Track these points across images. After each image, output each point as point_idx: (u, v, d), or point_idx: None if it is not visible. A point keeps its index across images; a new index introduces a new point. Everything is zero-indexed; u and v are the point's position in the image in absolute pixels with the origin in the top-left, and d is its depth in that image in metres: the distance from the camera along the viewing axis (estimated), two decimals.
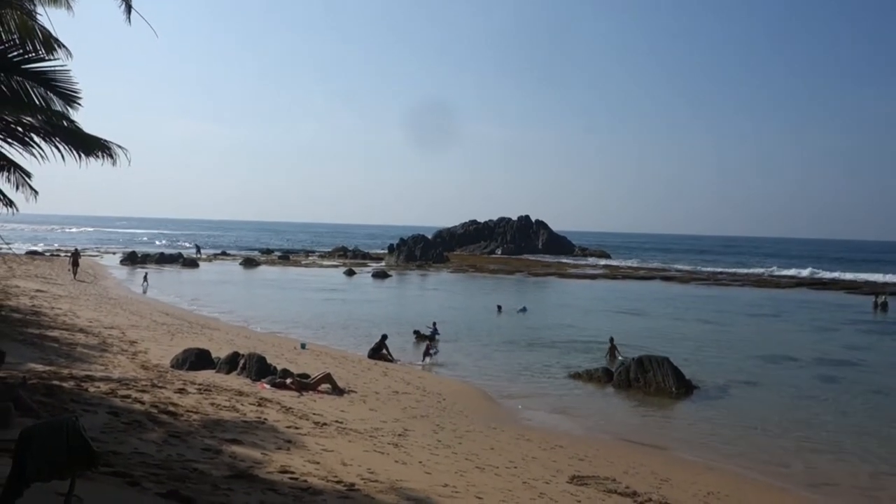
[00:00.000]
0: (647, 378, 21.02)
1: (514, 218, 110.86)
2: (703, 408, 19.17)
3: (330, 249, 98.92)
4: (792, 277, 72.14)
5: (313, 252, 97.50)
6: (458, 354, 25.39)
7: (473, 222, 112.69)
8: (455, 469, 11.15)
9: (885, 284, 63.03)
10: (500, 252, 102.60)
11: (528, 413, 17.89)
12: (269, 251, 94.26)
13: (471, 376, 21.98)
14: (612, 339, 26.15)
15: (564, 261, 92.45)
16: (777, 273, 78.40)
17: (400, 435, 13.33)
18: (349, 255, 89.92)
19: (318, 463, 9.76)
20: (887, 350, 29.38)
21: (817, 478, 13.85)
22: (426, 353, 24.36)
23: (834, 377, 23.31)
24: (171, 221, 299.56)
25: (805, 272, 78.43)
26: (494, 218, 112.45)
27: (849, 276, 73.25)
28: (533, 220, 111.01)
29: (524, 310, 38.12)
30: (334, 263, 77.37)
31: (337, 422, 13.65)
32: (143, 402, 11.96)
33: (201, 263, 69.34)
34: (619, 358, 24.77)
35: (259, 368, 17.86)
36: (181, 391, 14.08)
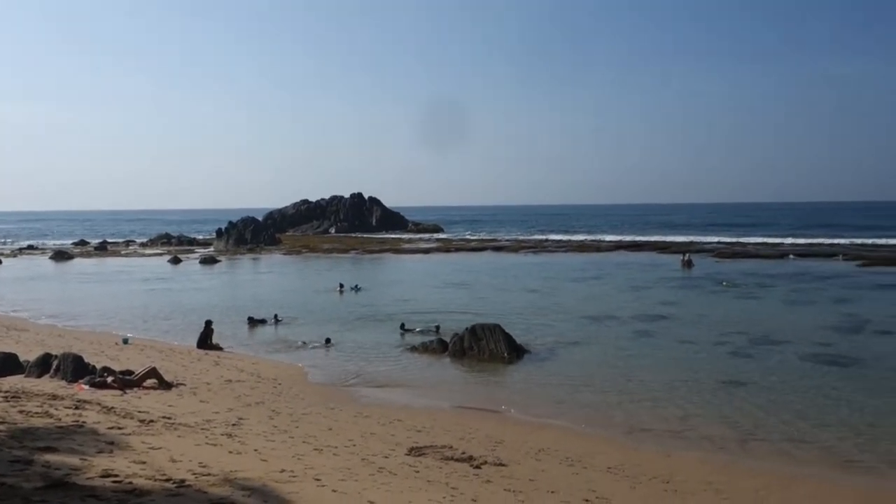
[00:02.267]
0: (481, 346, 21.68)
1: (347, 196, 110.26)
2: (533, 370, 20.04)
3: (153, 237, 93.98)
4: (611, 241, 76.59)
5: (134, 241, 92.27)
6: (295, 336, 25.03)
7: (305, 202, 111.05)
8: (293, 453, 11.01)
9: (691, 243, 68.45)
10: (333, 231, 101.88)
11: (366, 390, 17.98)
12: (84, 243, 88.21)
13: (308, 357, 21.75)
14: (402, 325, 26.24)
15: (398, 237, 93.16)
16: (598, 238, 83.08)
17: (234, 425, 12.98)
18: (174, 242, 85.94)
19: (144, 463, 9.31)
20: (692, 303, 31.96)
21: (636, 425, 14.91)
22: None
23: (649, 332, 25.08)
24: None
25: (628, 238, 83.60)
26: (326, 197, 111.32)
27: (658, 238, 78.93)
28: (366, 197, 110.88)
29: (357, 288, 38.09)
30: (158, 252, 73.71)
31: (165, 417, 13.07)
32: None
33: (3, 260, 63.62)
34: (418, 329, 25.54)
35: (75, 368, 16.73)
36: None
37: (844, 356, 20.61)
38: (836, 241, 71.26)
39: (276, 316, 28.32)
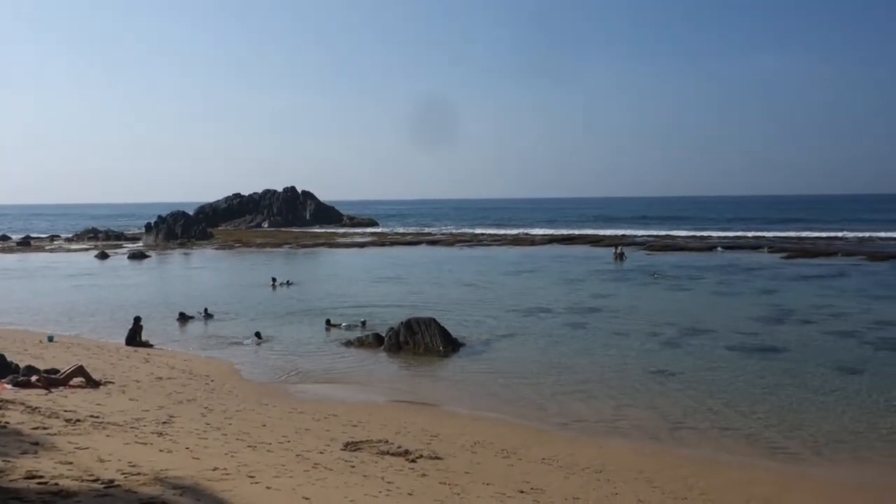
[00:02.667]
0: (416, 340, 21.70)
1: (280, 190, 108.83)
2: (469, 363, 20.17)
3: (79, 232, 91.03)
4: (545, 235, 77.49)
5: (59, 236, 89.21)
6: (227, 332, 24.63)
7: (237, 196, 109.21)
8: (226, 451, 10.84)
9: (623, 236, 69.80)
10: (266, 225, 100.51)
11: (300, 386, 17.82)
12: (5, 238, 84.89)
13: (241, 353, 21.43)
14: (327, 321, 25.97)
15: (333, 231, 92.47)
16: (532, 232, 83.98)
17: (164, 422, 12.69)
18: (101, 236, 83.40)
19: (71, 463, 9.04)
20: (624, 295, 32.62)
21: (569, 416, 15.16)
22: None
23: (582, 324, 25.49)
24: None
25: (561, 231, 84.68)
26: (259, 190, 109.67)
27: (591, 231, 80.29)
28: (300, 191, 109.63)
29: (288, 283, 37.64)
30: (84, 247, 71.46)
31: (92, 416, 12.70)
32: None
33: None
34: (343, 325, 25.39)
35: None
36: None
37: (770, 346, 21.34)
38: (761, 234, 73.65)
39: (205, 310, 27.81)
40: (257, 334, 23.53)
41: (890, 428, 14.05)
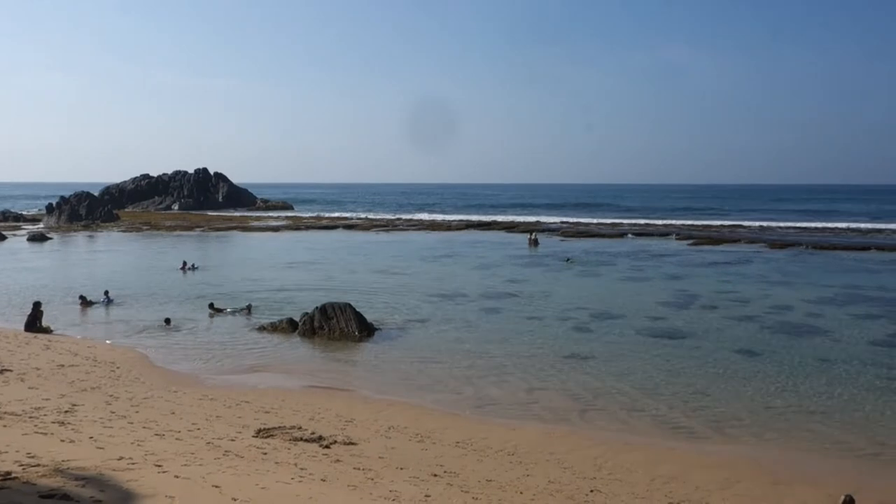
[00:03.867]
0: (331, 324, 21.55)
1: (191, 171, 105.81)
2: (384, 348, 20.16)
3: None
4: (461, 221, 77.92)
5: None
6: (135, 319, 23.89)
7: (146, 177, 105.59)
8: (132, 440, 10.54)
9: (537, 223, 70.90)
10: (176, 208, 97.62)
11: (211, 372, 17.46)
12: None
13: (149, 340, 20.83)
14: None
15: (246, 214, 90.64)
16: (449, 218, 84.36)
17: (67, 411, 12.23)
18: None
19: None
20: (539, 281, 33.17)
21: (484, 400, 15.38)
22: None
23: (498, 309, 25.81)
24: None
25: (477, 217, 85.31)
26: (169, 172, 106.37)
27: (506, 218, 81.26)
28: (211, 172, 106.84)
29: (194, 267, 36.66)
30: None
31: None
32: None
33: None
34: (228, 310, 25.04)
35: None
36: None
37: (676, 330, 22.11)
38: (669, 221, 76.01)
39: (105, 293, 26.73)
40: (167, 320, 22.91)
41: (785, 407, 14.80)
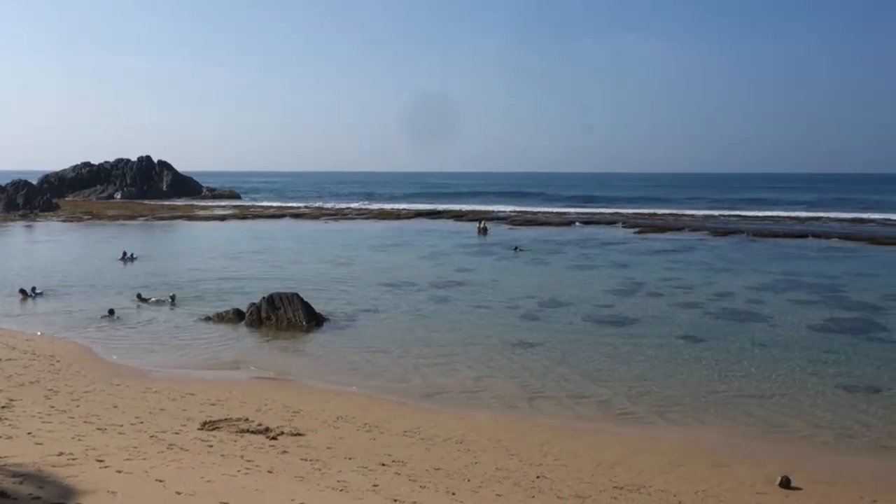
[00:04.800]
0: (279, 315, 21.37)
1: (134, 159, 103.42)
2: (332, 338, 20.07)
3: None
4: (411, 210, 77.80)
5: None
6: (76, 310, 23.34)
7: (87, 164, 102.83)
8: (72, 434, 10.32)
9: (486, 212, 71.19)
10: (119, 196, 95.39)
11: (155, 364, 17.17)
12: None
13: (91, 332, 20.37)
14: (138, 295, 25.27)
15: (192, 203, 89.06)
16: (398, 206, 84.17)
17: (3, 407, 11.91)
18: None
19: None
20: (487, 269, 33.36)
21: (432, 388, 15.43)
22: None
23: (447, 298, 25.88)
24: None
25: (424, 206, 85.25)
26: (111, 159, 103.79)
27: (455, 206, 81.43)
28: (155, 160, 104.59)
29: (132, 257, 35.83)
30: None
31: None
32: None
33: None
34: (153, 299, 24.78)
35: None
36: None
37: (622, 317, 22.47)
38: (616, 210, 77.05)
39: (33, 289, 25.87)
40: (111, 311, 22.43)
41: (726, 391, 15.19)
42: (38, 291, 25.76)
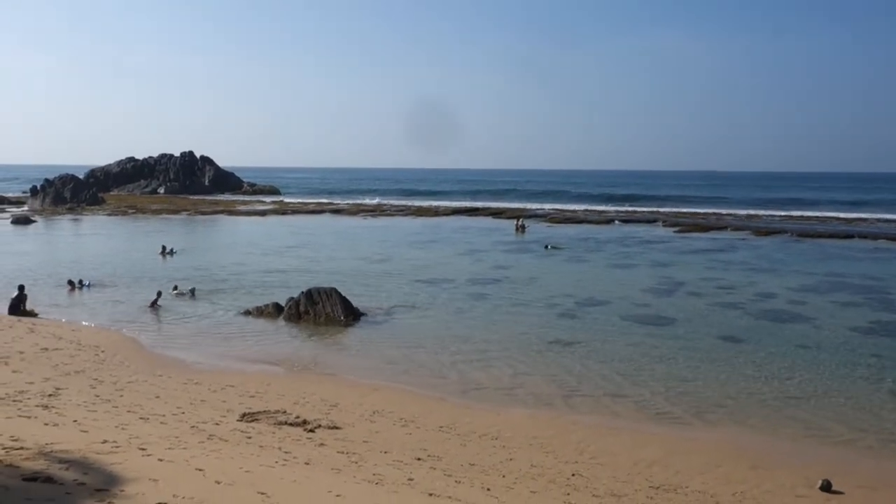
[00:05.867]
0: (317, 309, 21.58)
1: (177, 154, 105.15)
2: (370, 333, 20.22)
3: None
4: (449, 206, 77.90)
5: None
6: (120, 302, 23.83)
7: (131, 160, 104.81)
8: (116, 423, 10.56)
9: (524, 210, 70.99)
10: (162, 191, 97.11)
11: (196, 356, 17.46)
12: None
13: (134, 324, 20.79)
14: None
15: (233, 198, 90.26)
16: (436, 203, 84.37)
17: (51, 395, 12.24)
18: None
19: None
20: (526, 267, 33.28)
21: (468, 385, 15.47)
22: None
23: (484, 295, 25.90)
24: None
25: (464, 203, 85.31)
26: (155, 155, 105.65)
27: (495, 204, 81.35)
28: (198, 156, 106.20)
29: (172, 251, 36.37)
30: None
31: None
32: None
33: None
34: (173, 291, 24.98)
35: None
36: None
37: (661, 317, 22.26)
38: (656, 208, 76.28)
39: (80, 281, 26.48)
40: (155, 302, 22.85)
41: (766, 393, 14.97)
42: (86, 283, 26.36)
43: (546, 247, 40.93)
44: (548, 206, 78.02)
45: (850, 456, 11.95)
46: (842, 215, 67.71)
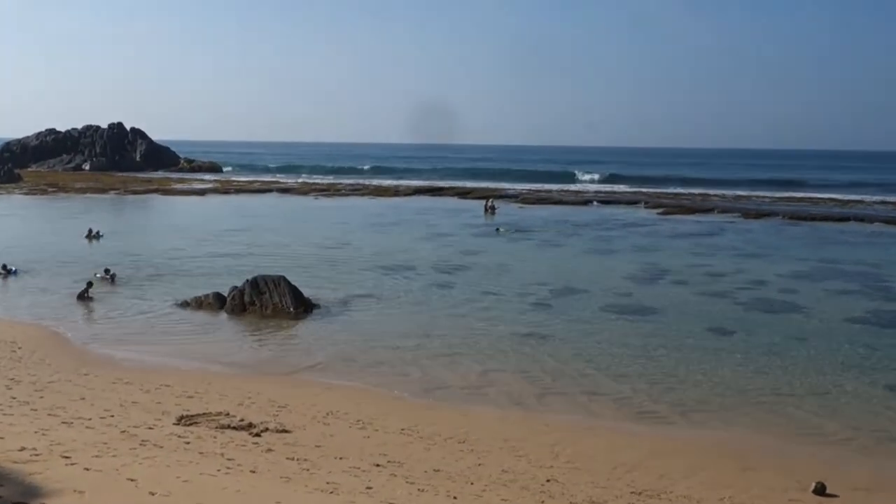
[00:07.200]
0: (263, 300, 21.42)
1: (105, 126, 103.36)
2: (323, 326, 20.14)
3: None
4: (410, 186, 77.70)
5: None
6: (39, 292, 23.41)
7: (52, 132, 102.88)
8: (35, 428, 10.40)
9: (495, 189, 71.11)
10: (88, 167, 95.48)
11: (128, 352, 17.24)
12: None
13: (55, 316, 20.44)
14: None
15: (168, 176, 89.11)
16: (395, 182, 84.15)
17: None
18: None
19: None
20: (496, 252, 33.36)
21: (432, 383, 15.49)
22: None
23: (449, 283, 25.93)
24: None
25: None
26: (79, 126, 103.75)
27: (460, 183, 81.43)
28: (128, 128, 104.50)
29: (98, 235, 35.75)
30: None
31: None
32: None
33: None
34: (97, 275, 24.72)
35: None
36: None
37: (643, 307, 22.49)
38: (638, 189, 76.89)
39: (4, 266, 26.03)
40: (85, 290, 22.44)
41: (756, 390, 15.21)
42: (12, 269, 25.88)
43: (497, 230, 40.97)
44: (519, 186, 78.24)
45: (845, 456, 12.19)
46: (837, 197, 68.86)
